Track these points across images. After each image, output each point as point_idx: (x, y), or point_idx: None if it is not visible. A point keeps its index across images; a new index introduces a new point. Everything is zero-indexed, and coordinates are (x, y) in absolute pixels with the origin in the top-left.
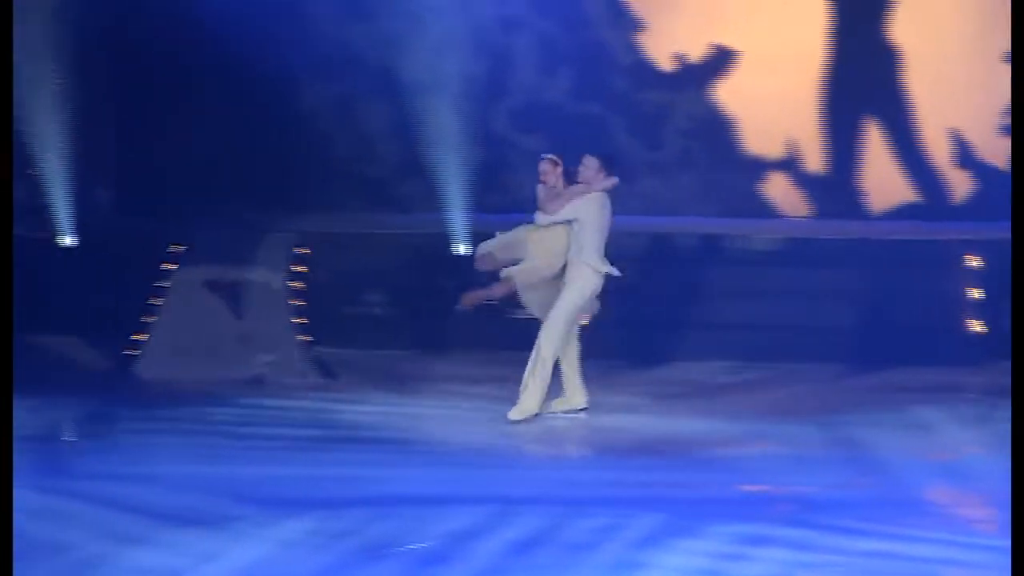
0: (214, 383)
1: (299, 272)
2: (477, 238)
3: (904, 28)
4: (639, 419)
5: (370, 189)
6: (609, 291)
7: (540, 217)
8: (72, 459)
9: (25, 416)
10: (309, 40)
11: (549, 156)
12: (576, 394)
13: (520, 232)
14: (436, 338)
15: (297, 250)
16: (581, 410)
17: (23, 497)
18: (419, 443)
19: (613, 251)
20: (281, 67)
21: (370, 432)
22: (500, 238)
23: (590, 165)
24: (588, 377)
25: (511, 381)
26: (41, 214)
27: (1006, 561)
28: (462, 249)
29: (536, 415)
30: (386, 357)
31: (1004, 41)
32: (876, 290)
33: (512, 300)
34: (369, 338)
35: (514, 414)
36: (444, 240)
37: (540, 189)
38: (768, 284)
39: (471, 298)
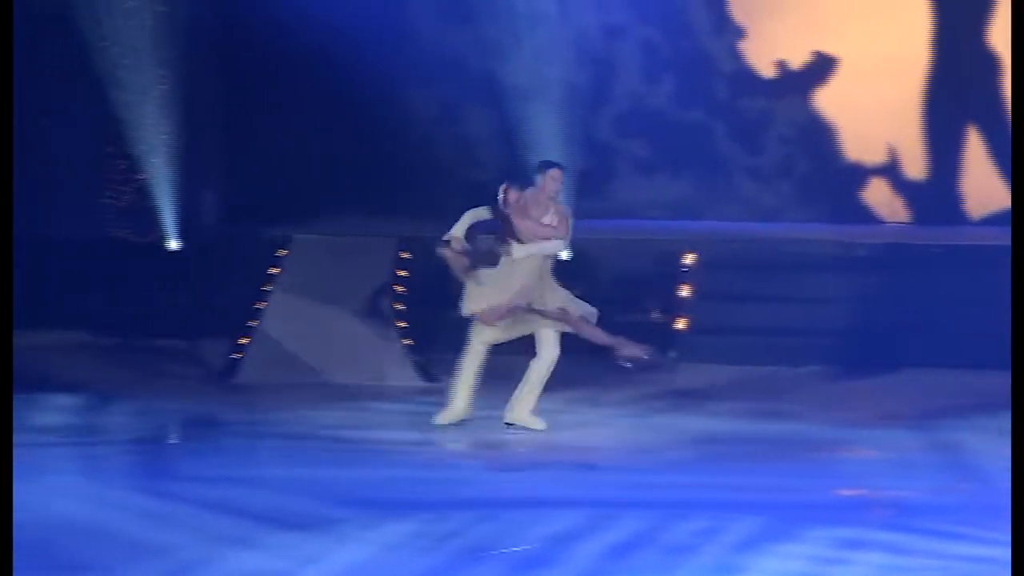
0: (317, 387)
1: (402, 276)
2: (578, 244)
3: (1004, 34)
4: (737, 423)
5: (473, 194)
6: (709, 297)
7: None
8: (177, 462)
9: (131, 419)
10: (413, 46)
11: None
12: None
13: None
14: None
15: (400, 254)
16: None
17: (129, 499)
18: (520, 445)
19: (713, 256)
20: (385, 73)
21: (470, 435)
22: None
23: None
24: (689, 382)
25: (611, 385)
26: (148, 218)
27: None
28: (563, 255)
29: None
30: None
31: None
32: (975, 295)
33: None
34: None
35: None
36: None
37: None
38: (867, 289)
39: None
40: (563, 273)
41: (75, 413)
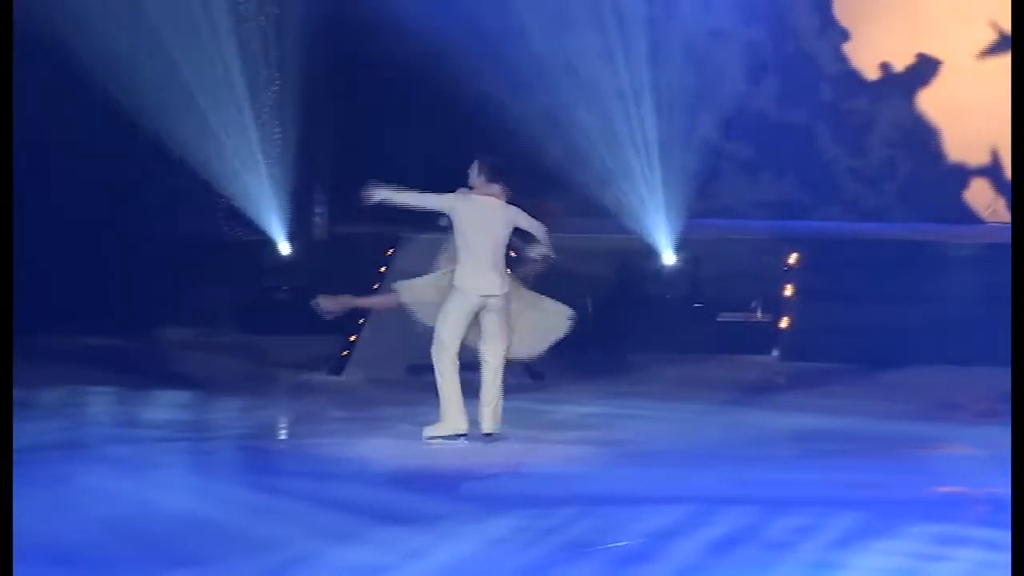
0: (421, 383)
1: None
2: (684, 244)
3: None
4: (836, 420)
5: (579, 195)
6: (815, 296)
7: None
8: (284, 457)
9: (237, 416)
10: (521, 50)
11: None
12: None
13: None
14: (641, 340)
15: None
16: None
17: (236, 494)
18: (623, 443)
19: (818, 257)
20: (492, 76)
21: (576, 432)
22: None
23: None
24: (790, 379)
25: (717, 383)
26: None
27: None
28: (669, 255)
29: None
30: (594, 359)
31: None
32: None
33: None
34: (575, 340)
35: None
36: (651, 246)
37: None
38: (968, 289)
39: (332, 303)
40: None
41: (185, 409)
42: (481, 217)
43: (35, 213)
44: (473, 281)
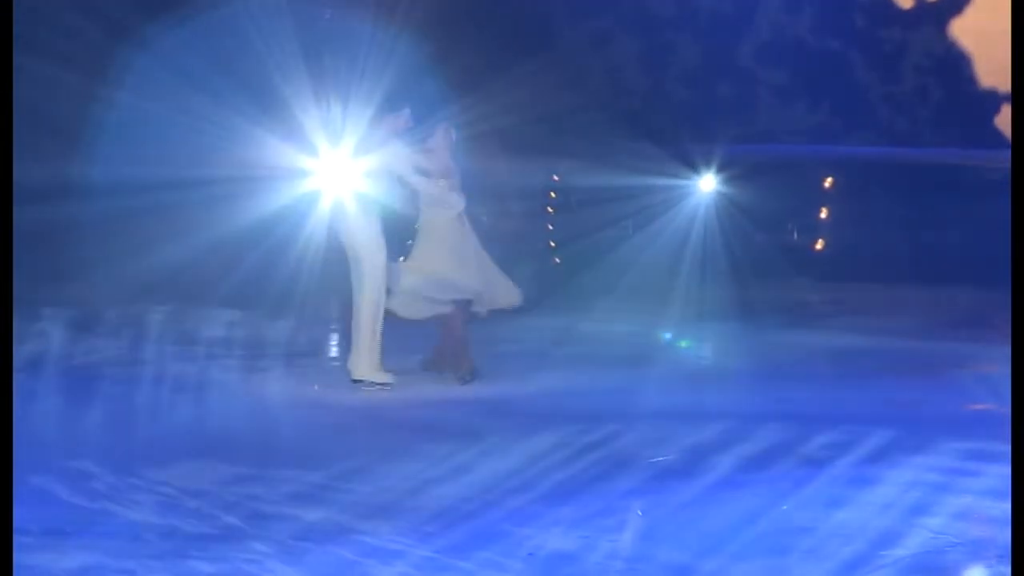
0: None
1: (554, 199)
2: (721, 167)
3: None
4: (875, 339)
5: (623, 120)
6: (852, 220)
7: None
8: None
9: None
10: None
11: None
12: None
13: None
14: (679, 262)
15: (553, 177)
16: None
17: (290, 409)
18: (662, 362)
19: (851, 180)
20: (538, 4)
21: (615, 350)
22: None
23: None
24: (826, 299)
25: (755, 304)
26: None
27: None
28: (709, 179)
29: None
30: (634, 280)
31: None
32: None
33: None
34: (617, 261)
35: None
36: (689, 168)
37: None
38: (999, 212)
39: None
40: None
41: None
42: None
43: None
44: None
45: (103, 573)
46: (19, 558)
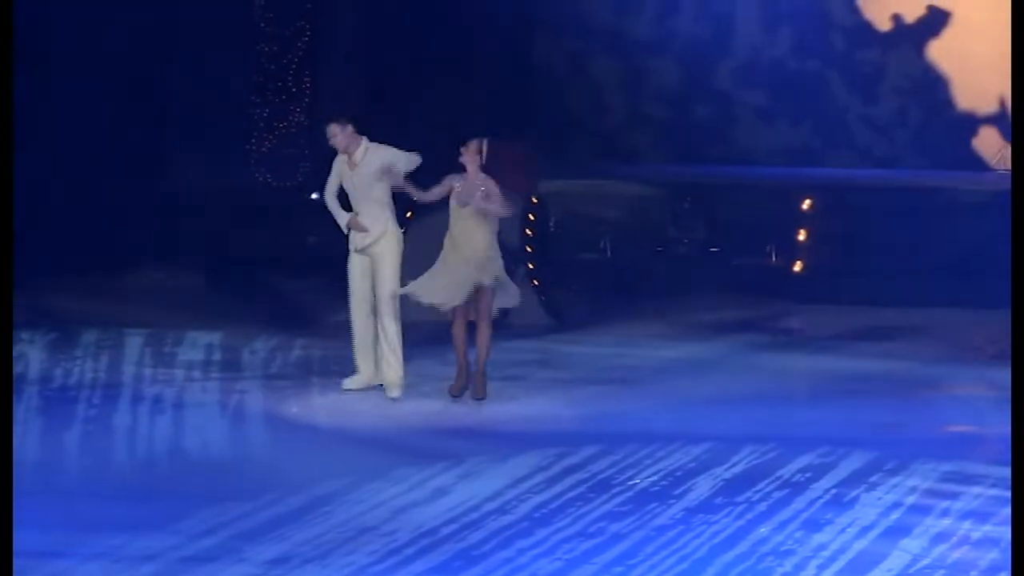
0: (445, 324)
1: (531, 220)
2: (699, 189)
3: None
4: (853, 361)
5: (600, 141)
6: (830, 241)
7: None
8: (313, 398)
9: (269, 356)
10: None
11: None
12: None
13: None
14: (659, 284)
15: (530, 199)
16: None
17: (266, 432)
18: (641, 383)
19: (830, 202)
20: (515, 25)
21: (595, 372)
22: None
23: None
24: (805, 321)
25: (735, 326)
26: (289, 164)
27: None
28: (687, 199)
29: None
30: (612, 301)
31: None
32: None
33: None
34: (595, 282)
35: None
36: (669, 190)
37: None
38: (977, 233)
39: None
40: (689, 216)
41: (208, 350)
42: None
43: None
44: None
45: None
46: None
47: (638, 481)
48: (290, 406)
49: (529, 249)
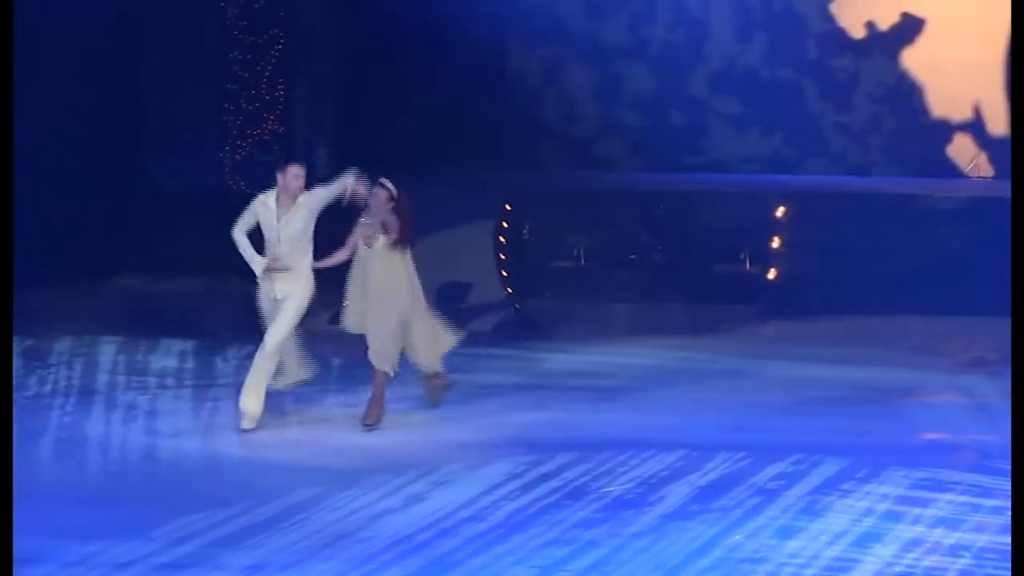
0: None
1: (504, 228)
2: (673, 197)
3: None
4: (827, 369)
5: (572, 148)
6: (804, 249)
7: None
8: (286, 405)
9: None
10: (517, 7)
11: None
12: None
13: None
14: (632, 290)
15: (504, 206)
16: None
17: (241, 440)
18: (615, 391)
19: (804, 209)
20: (491, 32)
21: (569, 380)
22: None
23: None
24: (779, 330)
25: (708, 333)
26: (263, 171)
27: None
28: (659, 206)
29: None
30: (587, 309)
31: None
32: None
33: None
34: (570, 290)
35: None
36: (643, 198)
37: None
38: (951, 241)
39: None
40: (663, 223)
41: (186, 358)
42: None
43: (54, 163)
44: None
45: None
46: None
47: (612, 488)
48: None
49: (503, 257)
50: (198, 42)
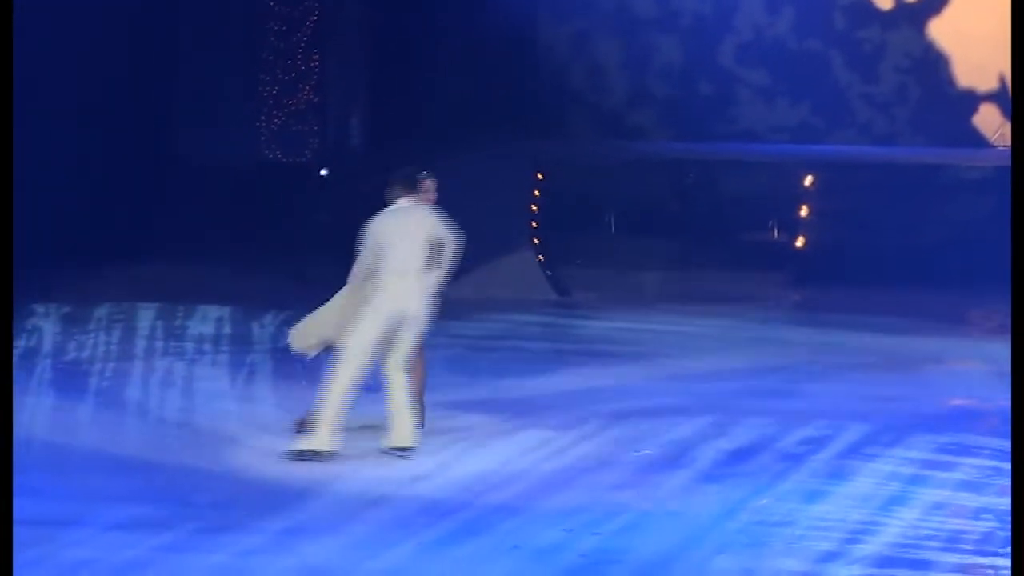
0: (458, 301)
1: (537, 196)
2: (703, 166)
3: None
4: (853, 336)
5: (602, 119)
6: (831, 217)
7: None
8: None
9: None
10: None
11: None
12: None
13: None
14: (661, 258)
15: (536, 175)
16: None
17: (271, 409)
18: (646, 357)
19: (832, 178)
20: (523, 5)
21: (600, 346)
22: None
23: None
24: (806, 297)
25: (737, 301)
26: (298, 141)
27: None
28: (689, 175)
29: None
30: (617, 276)
31: None
32: None
33: None
34: (600, 258)
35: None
36: (672, 167)
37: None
38: (977, 210)
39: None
40: (692, 192)
41: (224, 324)
42: (402, 227)
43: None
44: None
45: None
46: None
47: (642, 452)
48: (297, 378)
49: (534, 225)
50: (234, 14)
